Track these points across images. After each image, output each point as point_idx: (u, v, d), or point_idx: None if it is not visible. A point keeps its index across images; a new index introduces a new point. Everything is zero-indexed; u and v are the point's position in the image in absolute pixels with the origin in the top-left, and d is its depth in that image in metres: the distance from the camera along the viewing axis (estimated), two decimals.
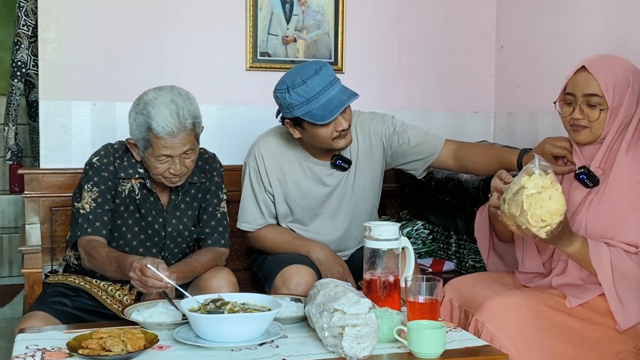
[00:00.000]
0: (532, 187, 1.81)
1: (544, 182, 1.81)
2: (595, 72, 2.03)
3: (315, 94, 2.34)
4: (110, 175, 2.28)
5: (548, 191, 1.81)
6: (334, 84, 2.37)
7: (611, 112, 2.04)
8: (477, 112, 3.57)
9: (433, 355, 1.71)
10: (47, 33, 2.94)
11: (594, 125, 2.06)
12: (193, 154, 2.24)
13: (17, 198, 4.42)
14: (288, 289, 2.33)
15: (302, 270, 2.39)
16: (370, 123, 2.61)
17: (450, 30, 3.50)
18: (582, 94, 2.06)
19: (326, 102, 2.34)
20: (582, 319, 2.01)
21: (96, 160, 2.30)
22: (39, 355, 1.70)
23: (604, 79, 2.02)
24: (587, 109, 2.06)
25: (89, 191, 2.26)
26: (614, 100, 2.03)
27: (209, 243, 2.41)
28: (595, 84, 2.03)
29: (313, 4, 3.26)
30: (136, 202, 2.31)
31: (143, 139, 2.19)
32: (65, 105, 2.98)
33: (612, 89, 2.02)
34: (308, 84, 2.34)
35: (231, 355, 1.71)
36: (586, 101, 2.05)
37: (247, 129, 3.20)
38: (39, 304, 2.23)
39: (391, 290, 1.95)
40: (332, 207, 2.61)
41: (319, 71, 2.35)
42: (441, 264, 3.00)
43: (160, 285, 1.97)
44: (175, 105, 2.16)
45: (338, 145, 2.44)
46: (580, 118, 2.06)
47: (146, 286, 1.98)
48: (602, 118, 2.04)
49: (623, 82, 2.04)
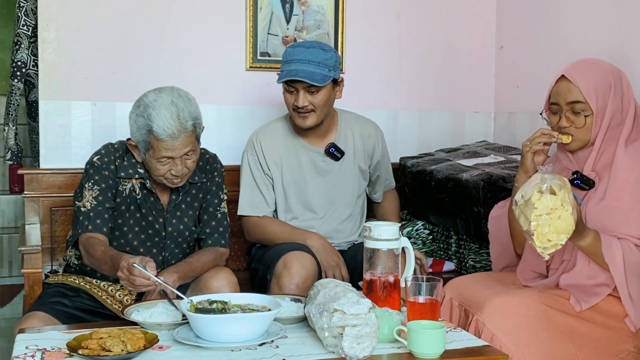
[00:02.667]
0: (541, 208, 1.82)
1: (554, 203, 1.82)
2: (575, 79, 2.06)
3: (292, 59, 2.53)
4: (110, 174, 2.29)
5: (557, 212, 1.82)
6: (312, 63, 2.51)
7: (596, 116, 2.06)
8: (477, 112, 3.57)
9: (433, 355, 1.71)
10: (47, 33, 2.94)
11: (581, 132, 2.09)
12: (194, 154, 2.24)
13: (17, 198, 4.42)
14: (289, 273, 2.38)
15: (303, 256, 2.45)
16: (364, 125, 2.82)
17: (450, 30, 3.50)
18: (566, 102, 2.09)
19: (290, 70, 2.52)
20: (583, 319, 2.02)
21: (97, 159, 2.30)
22: (39, 356, 1.69)
23: (584, 84, 2.05)
24: (572, 117, 2.09)
25: (89, 189, 2.26)
26: (597, 104, 2.05)
27: (210, 243, 2.41)
28: (577, 91, 2.06)
29: (313, 4, 3.26)
30: (137, 201, 2.31)
31: (144, 140, 2.19)
32: (65, 105, 2.98)
33: (594, 94, 2.05)
34: (295, 49, 2.56)
35: (231, 355, 1.71)
36: (571, 109, 2.08)
37: (247, 129, 3.20)
38: (39, 304, 2.23)
39: (391, 290, 1.95)
40: (323, 195, 2.70)
41: (311, 48, 2.55)
42: (441, 264, 3.00)
43: (148, 283, 1.96)
44: (175, 107, 2.16)
45: (297, 121, 2.61)
46: (567, 126, 2.09)
47: (134, 285, 1.97)
48: (588, 124, 2.07)
49: (604, 84, 2.06)
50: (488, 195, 2.69)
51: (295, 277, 2.38)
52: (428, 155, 3.24)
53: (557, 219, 1.82)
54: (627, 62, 2.69)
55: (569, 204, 1.84)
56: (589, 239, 1.98)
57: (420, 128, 3.49)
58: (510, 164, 2.92)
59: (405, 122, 3.45)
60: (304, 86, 2.53)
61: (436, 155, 3.22)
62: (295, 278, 2.38)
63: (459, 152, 3.23)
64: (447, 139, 3.49)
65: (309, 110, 2.57)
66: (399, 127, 3.33)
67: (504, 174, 2.75)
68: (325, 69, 2.53)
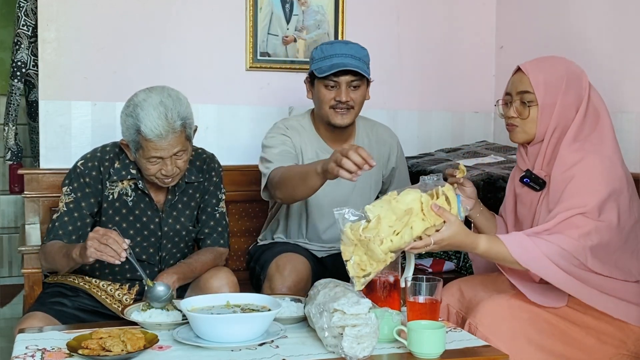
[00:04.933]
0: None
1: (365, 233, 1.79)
2: (527, 71, 2.08)
3: (333, 54, 2.45)
4: (92, 181, 2.27)
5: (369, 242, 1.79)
6: (354, 57, 2.46)
7: (542, 109, 2.05)
8: (477, 112, 3.57)
9: (433, 355, 1.71)
10: (47, 33, 2.94)
11: (526, 124, 2.08)
12: (185, 154, 2.23)
13: (17, 198, 4.42)
14: (281, 276, 2.37)
15: (295, 258, 2.43)
16: (380, 130, 2.74)
17: (450, 30, 3.51)
18: (516, 92, 2.10)
19: (336, 63, 2.44)
20: (575, 323, 2.01)
21: (80, 164, 2.29)
22: (39, 356, 1.70)
23: (535, 76, 2.06)
24: (520, 107, 2.09)
25: (65, 194, 2.27)
26: (545, 96, 2.04)
27: (208, 243, 2.41)
28: (527, 81, 2.07)
29: (313, 4, 3.26)
30: (128, 204, 2.31)
31: (133, 140, 2.19)
32: (65, 105, 2.98)
33: (542, 86, 2.04)
34: (334, 45, 2.50)
35: (231, 355, 1.71)
36: (520, 99, 2.09)
37: (247, 129, 3.21)
38: (39, 305, 2.23)
39: (391, 291, 1.95)
40: (333, 199, 2.62)
41: (349, 44, 2.50)
42: (441, 264, 3.00)
43: (116, 248, 1.93)
44: (164, 107, 2.15)
45: (333, 118, 2.51)
46: (514, 116, 2.10)
47: (100, 244, 1.94)
48: (532, 115, 2.06)
49: (556, 79, 2.05)
50: (488, 195, 2.69)
51: (287, 280, 2.37)
52: (428, 155, 3.24)
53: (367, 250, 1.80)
54: (627, 62, 2.69)
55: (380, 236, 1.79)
56: (482, 246, 1.94)
57: (420, 128, 3.48)
58: (510, 164, 2.92)
59: (405, 122, 3.44)
60: (347, 81, 2.46)
61: (436, 155, 3.22)
62: (287, 281, 2.37)
63: (458, 152, 3.23)
64: (447, 139, 3.49)
65: (350, 107, 2.50)
66: (399, 127, 3.32)
67: (503, 174, 2.76)
68: (365, 64, 2.50)
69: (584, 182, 1.97)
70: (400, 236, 1.81)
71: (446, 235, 1.87)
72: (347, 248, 1.83)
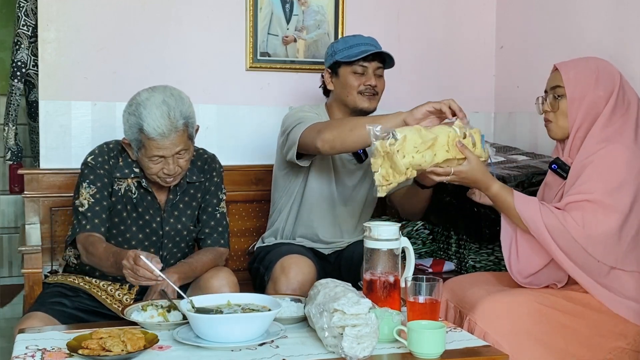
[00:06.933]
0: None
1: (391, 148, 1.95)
2: (561, 68, 2.18)
3: (359, 43, 2.59)
4: (105, 173, 2.29)
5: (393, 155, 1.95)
6: (377, 46, 2.61)
7: (571, 101, 2.13)
8: (477, 112, 3.57)
9: (433, 355, 1.71)
10: (47, 33, 2.94)
11: (558, 118, 2.17)
12: (187, 154, 2.24)
13: (17, 198, 4.41)
14: (287, 277, 2.37)
15: (301, 260, 2.42)
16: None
17: (450, 30, 3.50)
18: (550, 88, 2.21)
19: (365, 50, 2.57)
20: (575, 316, 2.03)
21: (91, 159, 2.30)
22: (39, 356, 1.70)
23: (566, 72, 2.17)
24: (552, 102, 2.19)
25: (86, 188, 2.27)
26: (574, 90, 2.13)
27: (209, 243, 2.41)
28: (559, 77, 2.17)
29: (313, 4, 3.26)
30: (133, 201, 2.31)
31: (136, 139, 2.20)
32: (65, 105, 2.98)
33: (572, 80, 2.14)
34: (356, 36, 2.64)
35: (231, 355, 1.71)
36: (552, 94, 2.19)
37: (247, 129, 3.21)
38: (39, 305, 2.23)
39: (391, 290, 1.95)
40: (340, 193, 2.65)
41: (369, 36, 2.65)
42: (441, 264, 3.00)
43: (150, 276, 1.94)
44: (166, 106, 2.16)
45: (362, 103, 2.59)
46: (548, 110, 2.20)
47: (137, 276, 1.96)
48: (562, 108, 2.15)
49: (587, 75, 2.14)
50: None
51: (293, 282, 2.36)
52: None
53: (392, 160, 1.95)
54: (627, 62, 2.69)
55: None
56: (494, 189, 2.08)
57: None
58: (510, 163, 2.92)
59: None
60: (374, 67, 2.59)
61: None
62: (293, 283, 2.36)
63: None
64: None
65: (376, 92, 2.60)
66: None
67: (504, 174, 2.75)
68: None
69: (599, 170, 2.05)
70: (422, 155, 1.97)
71: (465, 169, 2.03)
72: (376, 160, 2.00)
